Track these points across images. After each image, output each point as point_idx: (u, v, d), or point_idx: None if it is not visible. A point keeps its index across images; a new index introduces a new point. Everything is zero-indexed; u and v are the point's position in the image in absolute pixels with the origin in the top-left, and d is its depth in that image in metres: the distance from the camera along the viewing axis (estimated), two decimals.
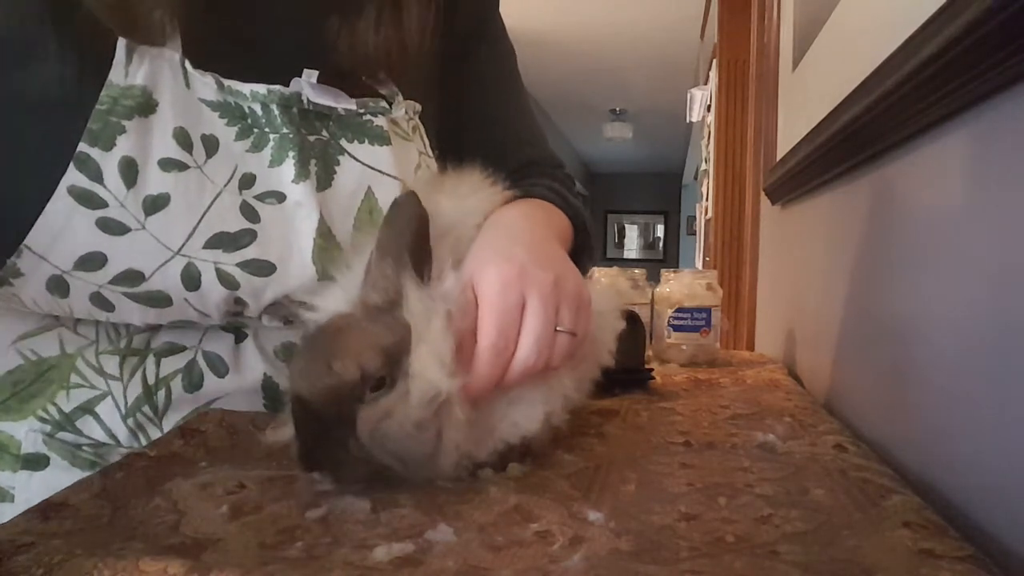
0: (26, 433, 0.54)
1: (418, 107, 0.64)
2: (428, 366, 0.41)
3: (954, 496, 0.48)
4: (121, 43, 0.49)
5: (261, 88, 0.54)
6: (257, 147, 0.54)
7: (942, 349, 0.51)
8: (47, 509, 0.39)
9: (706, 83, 3.56)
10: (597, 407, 0.67)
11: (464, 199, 0.54)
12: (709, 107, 3.32)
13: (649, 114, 6.16)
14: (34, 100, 0.48)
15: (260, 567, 0.33)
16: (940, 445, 0.51)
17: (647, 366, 0.85)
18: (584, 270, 0.71)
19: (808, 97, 0.99)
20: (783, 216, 1.30)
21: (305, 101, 0.55)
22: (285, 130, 0.55)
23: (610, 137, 6.29)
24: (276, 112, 0.54)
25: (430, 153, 0.65)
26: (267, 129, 0.54)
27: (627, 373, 0.77)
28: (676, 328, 1.00)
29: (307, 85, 0.56)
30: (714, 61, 2.99)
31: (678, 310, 1.00)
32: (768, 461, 0.51)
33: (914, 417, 0.56)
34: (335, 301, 0.45)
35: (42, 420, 0.54)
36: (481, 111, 0.73)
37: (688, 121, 4.16)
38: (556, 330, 0.46)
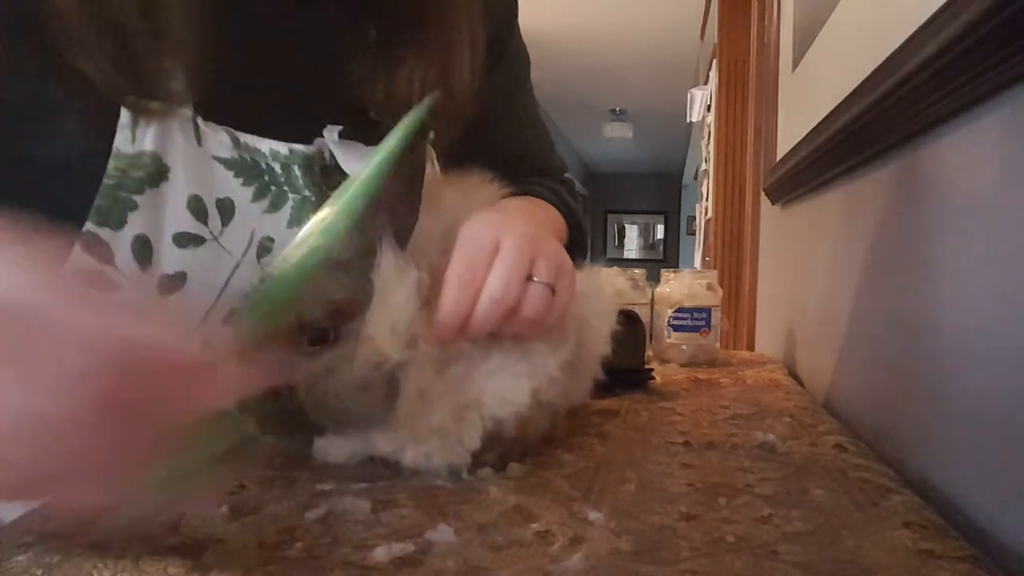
0: None
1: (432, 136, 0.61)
2: (381, 333, 0.40)
3: (954, 496, 0.48)
4: (125, 109, 0.45)
5: (281, 148, 0.52)
6: (275, 207, 0.51)
7: (942, 349, 0.51)
8: (46, 511, 0.39)
9: (706, 83, 3.55)
10: (597, 407, 0.67)
11: (468, 195, 0.54)
12: (709, 107, 3.32)
13: (649, 114, 6.16)
14: (37, 170, 0.45)
15: (260, 567, 0.33)
16: (940, 445, 0.51)
17: (647, 366, 0.85)
18: (575, 265, 0.70)
19: (808, 97, 0.99)
20: (783, 216, 1.30)
21: (327, 158, 0.53)
22: (307, 192, 0.52)
23: (610, 137, 6.29)
24: (297, 173, 0.52)
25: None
26: (286, 188, 0.52)
27: (627, 373, 0.77)
28: (676, 328, 1.00)
29: (331, 143, 0.53)
30: (714, 61, 2.99)
31: (678, 310, 1.00)
32: (768, 461, 0.51)
33: (914, 417, 0.56)
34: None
35: None
36: (493, 126, 0.70)
37: (688, 121, 4.16)
38: (532, 279, 0.44)
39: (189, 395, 0.29)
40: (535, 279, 0.44)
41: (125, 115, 0.45)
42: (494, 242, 0.44)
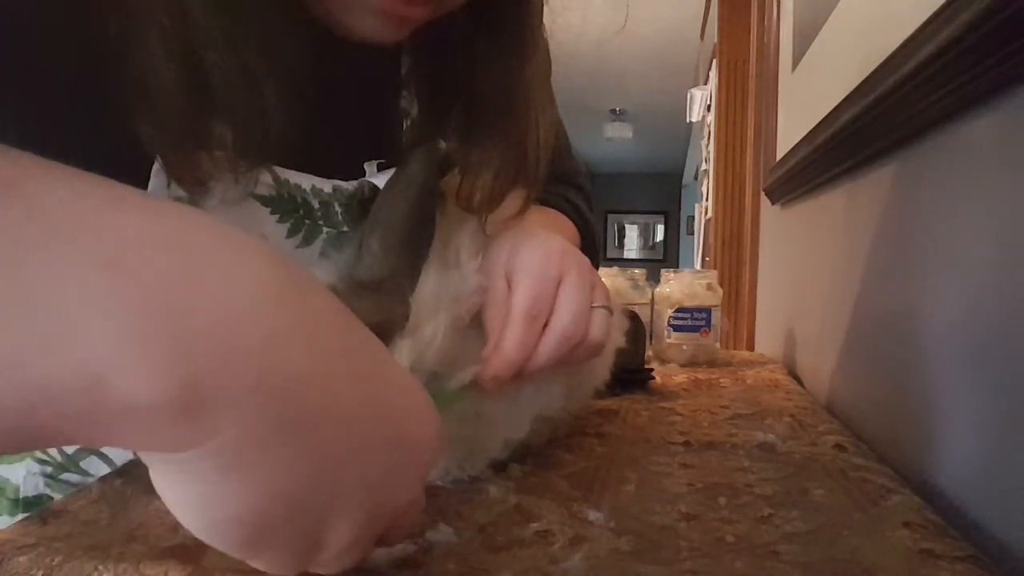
0: (24, 476, 0.50)
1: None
2: (403, 361, 0.39)
3: (954, 496, 0.48)
4: (157, 168, 0.41)
5: (325, 185, 0.51)
6: (308, 241, 0.50)
7: (942, 349, 0.51)
8: (46, 515, 0.39)
9: (706, 83, 3.55)
10: (597, 407, 0.67)
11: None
12: (709, 107, 3.32)
13: (649, 114, 6.15)
14: None
15: (260, 570, 0.33)
16: (940, 445, 0.51)
17: (647, 366, 0.85)
18: None
19: (808, 97, 0.99)
20: (783, 216, 1.30)
21: (367, 191, 0.52)
22: (344, 228, 0.52)
23: (610, 137, 6.28)
24: (337, 210, 0.51)
25: None
26: (321, 222, 0.51)
27: (627, 373, 0.77)
28: (676, 328, 1.00)
29: (371, 177, 0.53)
30: (714, 61, 2.99)
31: (678, 310, 1.00)
32: (768, 461, 0.51)
33: (914, 417, 0.56)
34: (324, 274, 0.41)
35: (42, 462, 0.50)
36: None
37: (688, 121, 4.16)
38: (593, 306, 0.45)
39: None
40: (594, 304, 0.45)
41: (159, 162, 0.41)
42: (557, 274, 0.44)
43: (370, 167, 0.54)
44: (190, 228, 0.22)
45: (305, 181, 0.50)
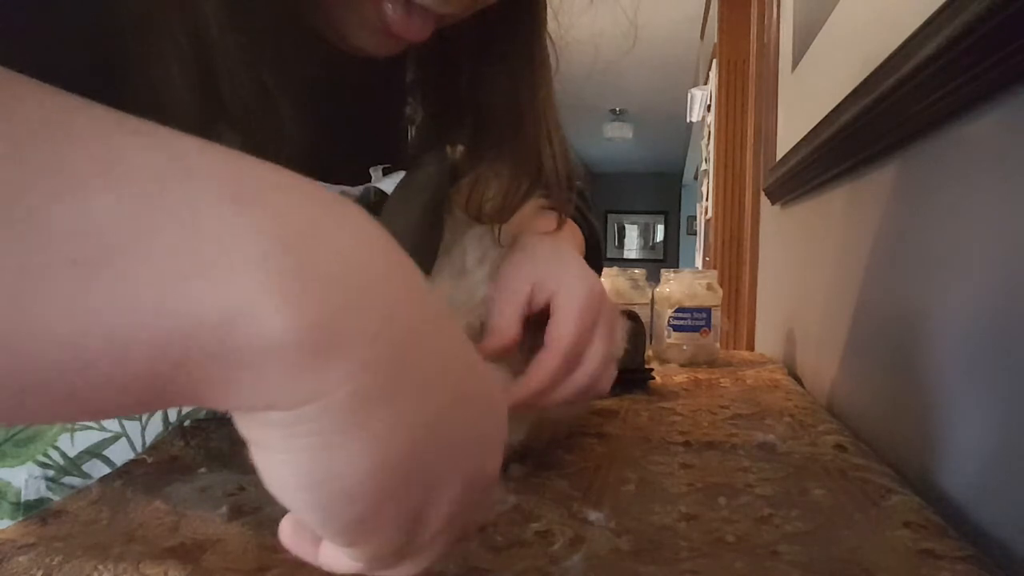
0: (26, 480, 0.50)
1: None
2: None
3: (954, 496, 0.48)
4: None
5: (332, 191, 0.51)
6: None
7: (942, 349, 0.51)
8: (46, 516, 0.39)
9: (706, 83, 3.56)
10: (597, 407, 0.67)
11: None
12: (709, 107, 3.32)
13: (649, 114, 6.15)
14: None
15: (260, 568, 0.33)
16: (940, 445, 0.51)
17: (647, 366, 0.85)
18: None
19: (808, 97, 0.99)
20: (783, 216, 1.30)
21: (372, 195, 0.52)
22: None
23: (610, 137, 6.28)
24: None
25: None
26: None
27: (627, 373, 0.77)
28: (676, 328, 1.00)
29: (376, 182, 0.53)
30: (714, 61, 2.99)
31: (678, 310, 1.00)
32: (768, 461, 0.51)
33: (914, 417, 0.56)
34: None
35: (43, 465, 0.50)
36: None
37: (688, 121, 4.16)
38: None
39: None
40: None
41: None
42: (596, 316, 0.45)
43: (375, 172, 0.54)
44: (310, 183, 0.23)
45: None
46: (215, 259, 0.19)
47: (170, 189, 0.19)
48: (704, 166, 3.68)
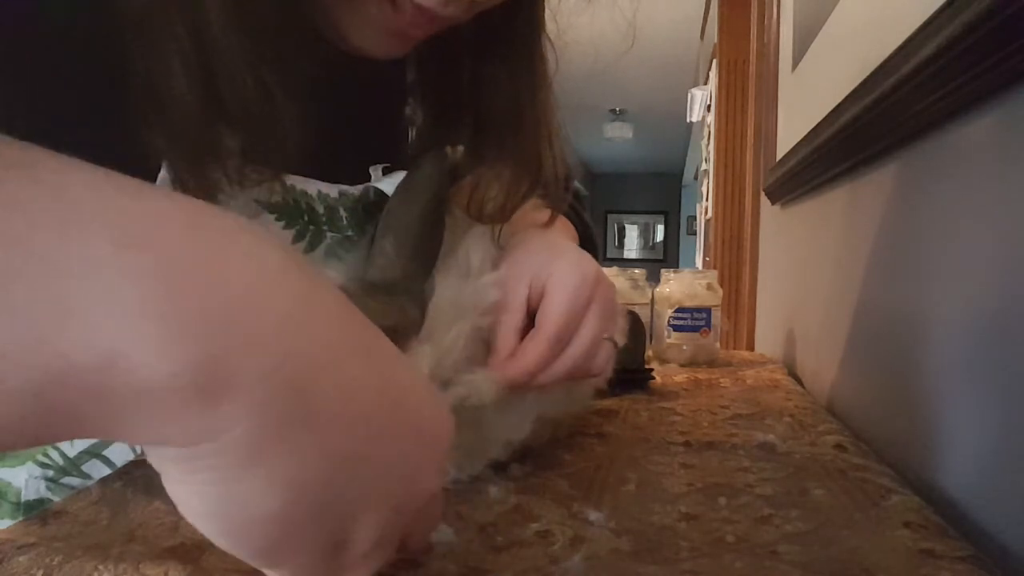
0: (26, 480, 0.49)
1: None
2: (422, 366, 0.39)
3: (954, 496, 0.48)
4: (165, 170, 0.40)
5: (331, 191, 0.51)
6: (312, 246, 0.50)
7: (942, 349, 0.51)
8: (46, 516, 0.39)
9: (706, 83, 3.56)
10: (597, 407, 0.67)
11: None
12: (709, 107, 3.32)
13: (649, 114, 6.15)
14: None
15: (259, 570, 0.33)
16: (940, 445, 0.51)
17: (647, 366, 0.85)
18: None
19: (808, 97, 0.99)
20: (783, 216, 1.30)
21: (371, 195, 0.53)
22: (349, 232, 0.52)
23: (610, 137, 6.28)
24: (343, 214, 0.51)
25: None
26: (325, 227, 0.51)
27: (627, 373, 0.77)
28: (676, 328, 1.00)
29: (376, 182, 0.53)
30: (714, 61, 2.99)
31: (678, 310, 1.00)
32: (768, 461, 0.51)
33: (914, 417, 0.56)
34: (335, 274, 0.42)
35: (43, 466, 0.49)
36: None
37: (688, 121, 4.16)
38: (603, 337, 0.46)
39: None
40: (604, 336, 0.47)
41: (165, 170, 0.41)
42: (587, 301, 0.46)
43: (375, 172, 0.54)
44: (206, 213, 0.22)
45: (311, 186, 0.50)
46: (94, 302, 0.18)
47: (45, 235, 0.18)
48: (704, 166, 3.68)
